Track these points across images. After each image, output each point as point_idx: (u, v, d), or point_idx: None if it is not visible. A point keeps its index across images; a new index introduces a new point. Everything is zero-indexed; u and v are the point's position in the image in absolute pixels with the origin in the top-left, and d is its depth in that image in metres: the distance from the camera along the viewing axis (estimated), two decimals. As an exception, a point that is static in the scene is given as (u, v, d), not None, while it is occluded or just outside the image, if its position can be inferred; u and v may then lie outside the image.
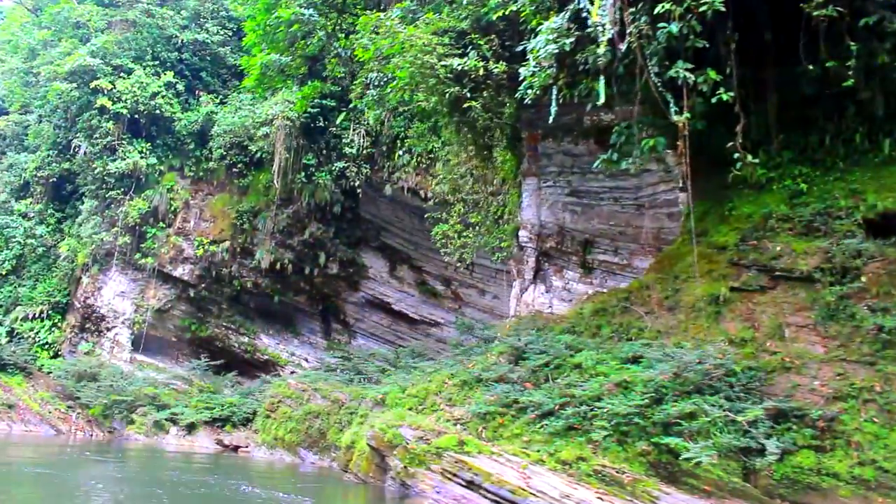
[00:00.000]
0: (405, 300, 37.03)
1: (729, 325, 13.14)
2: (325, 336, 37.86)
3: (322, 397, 21.60)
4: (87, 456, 22.87)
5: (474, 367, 15.01)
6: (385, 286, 36.93)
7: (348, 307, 37.56)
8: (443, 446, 11.85)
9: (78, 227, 35.01)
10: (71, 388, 32.31)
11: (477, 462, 10.08)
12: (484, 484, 9.51)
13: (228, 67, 35.81)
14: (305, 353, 36.83)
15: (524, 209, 19.80)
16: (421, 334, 37.28)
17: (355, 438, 15.18)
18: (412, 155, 32.50)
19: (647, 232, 17.73)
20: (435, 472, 10.93)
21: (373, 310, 37.65)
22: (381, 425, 12.76)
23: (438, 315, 36.90)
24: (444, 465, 10.13)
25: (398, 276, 36.97)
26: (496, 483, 9.52)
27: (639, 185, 17.20)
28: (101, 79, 32.34)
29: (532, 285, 19.31)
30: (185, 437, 28.80)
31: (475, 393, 14.06)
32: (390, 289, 36.95)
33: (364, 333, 38.14)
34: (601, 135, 17.61)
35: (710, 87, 12.47)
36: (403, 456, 11.82)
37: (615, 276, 18.60)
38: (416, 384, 15.62)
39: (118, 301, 34.47)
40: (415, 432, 12.23)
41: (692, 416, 11.39)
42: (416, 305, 37.02)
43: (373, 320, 37.88)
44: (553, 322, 16.19)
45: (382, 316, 37.71)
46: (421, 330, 37.32)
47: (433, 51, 15.04)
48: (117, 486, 15.37)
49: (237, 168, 33.67)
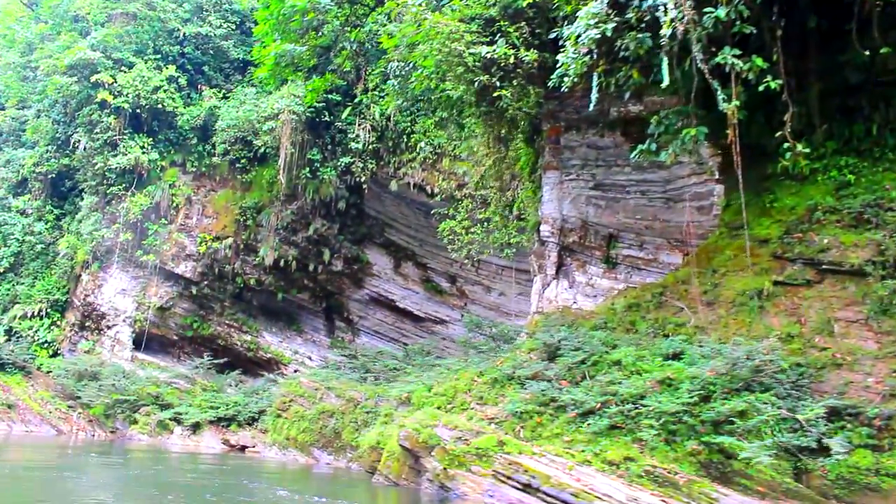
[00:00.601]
0: (410, 297, 36.58)
1: (773, 320, 12.72)
2: (328, 334, 37.35)
3: (336, 396, 21.11)
4: (95, 458, 22.29)
5: (504, 365, 14.55)
6: (389, 283, 36.46)
7: (352, 305, 37.06)
8: (482, 447, 11.40)
9: (77, 223, 34.36)
10: (71, 387, 31.70)
11: (534, 464, 9.62)
12: (542, 487, 9.04)
13: (231, 62, 35.22)
14: (309, 352, 36.31)
15: (545, 203, 19.35)
16: (425, 332, 36.83)
17: (381, 439, 14.71)
18: (420, 150, 32.10)
19: (676, 226, 17.32)
20: (481, 475, 10.47)
21: (377, 307, 37.16)
22: (415, 425, 12.28)
23: (443, 312, 36.46)
24: (496, 467, 9.65)
25: (403, 274, 36.51)
26: (556, 486, 9.06)
27: (668, 177, 16.76)
28: (102, 72, 31.72)
29: (554, 281, 18.86)
30: (191, 437, 28.26)
31: (508, 391, 13.61)
32: (395, 286, 36.48)
33: (368, 331, 37.65)
34: (628, 126, 17.23)
35: (755, 74, 12.06)
36: (442, 457, 11.34)
37: (640, 271, 18.19)
38: (442, 382, 15.15)
39: (119, 299, 33.86)
40: (452, 432, 11.77)
41: (743, 414, 10.97)
42: (420, 303, 36.58)
43: (377, 318, 37.39)
44: (582, 318, 15.76)
45: (387, 314, 37.25)
46: (425, 328, 36.87)
47: (461, 38, 14.57)
48: (141, 488, 14.83)
49: (240, 163, 33.10)
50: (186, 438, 28.23)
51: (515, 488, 9.31)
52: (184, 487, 14.85)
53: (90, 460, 21.49)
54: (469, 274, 35.32)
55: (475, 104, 15.59)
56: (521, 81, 14.77)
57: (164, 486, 14.92)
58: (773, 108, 13.45)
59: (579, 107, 17.84)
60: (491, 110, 15.56)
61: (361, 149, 31.51)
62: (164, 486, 15.05)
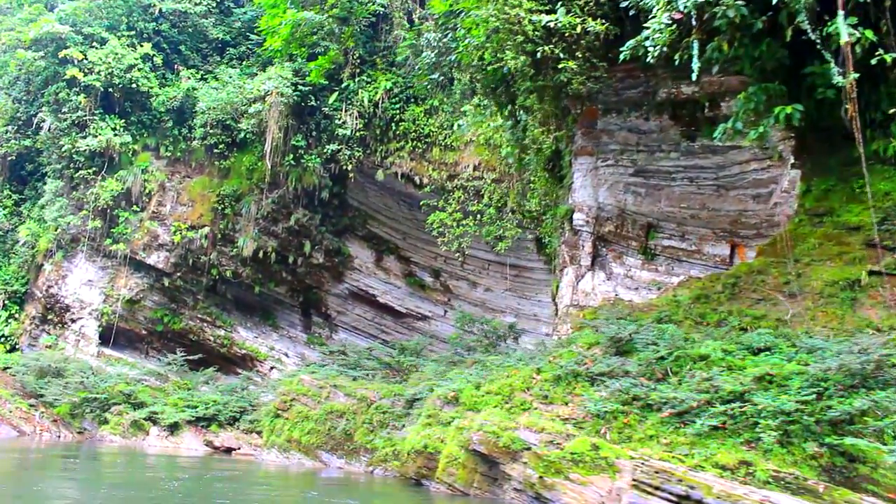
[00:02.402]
0: (391, 292, 35.29)
1: (870, 311, 11.87)
2: (304, 330, 35.78)
3: (345, 395, 19.70)
4: (76, 462, 20.48)
5: (562, 360, 13.41)
6: (370, 277, 35.09)
7: (331, 299, 35.57)
8: (577, 451, 10.24)
9: (40, 209, 32.11)
10: (33, 384, 29.46)
11: (692, 473, 8.46)
12: (706, 499, 7.89)
13: (210, 42, 33.25)
14: (285, 348, 34.71)
15: (576, 190, 18.33)
16: (407, 328, 35.58)
17: (430, 442, 13.42)
18: (408, 139, 30.82)
19: (726, 215, 16.46)
20: (581, 483, 9.30)
21: (357, 302, 35.75)
22: (491, 428, 11.05)
23: (426, 308, 35.26)
24: (639, 475, 8.48)
25: (384, 268, 35.19)
26: (723, 498, 7.91)
27: (723, 163, 15.87)
28: (72, 48, 29.60)
29: (589, 272, 17.85)
30: (168, 439, 26.45)
31: (578, 389, 12.46)
32: (376, 280, 35.14)
33: (346, 327, 36.21)
34: (678, 109, 16.32)
35: (864, 48, 11.15)
36: (536, 464, 10.13)
37: (681, 262, 17.33)
38: (493, 380, 13.92)
39: (85, 290, 31.73)
40: (539, 436, 10.58)
41: (864, 413, 10.02)
42: (402, 298, 35.31)
43: (356, 313, 35.97)
44: (639, 311, 14.72)
45: (366, 309, 35.87)
46: (407, 324, 35.62)
47: (520, 4, 13.39)
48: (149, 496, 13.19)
49: (218, 149, 31.28)
50: (164, 440, 26.41)
51: (668, 500, 8.15)
52: (201, 494, 13.32)
53: (63, 463, 19.70)
54: (454, 268, 34.18)
55: (532, 77, 14.39)
56: (584, 54, 13.65)
57: (172, 496, 13.32)
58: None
59: (620, 88, 16.88)
60: (548, 85, 14.40)
61: (349, 135, 30.07)
62: (170, 496, 13.44)
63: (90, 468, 19.51)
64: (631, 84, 16.67)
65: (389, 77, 30.79)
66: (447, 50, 16.04)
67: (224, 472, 18.63)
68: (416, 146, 30.88)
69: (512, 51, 13.87)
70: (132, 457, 22.96)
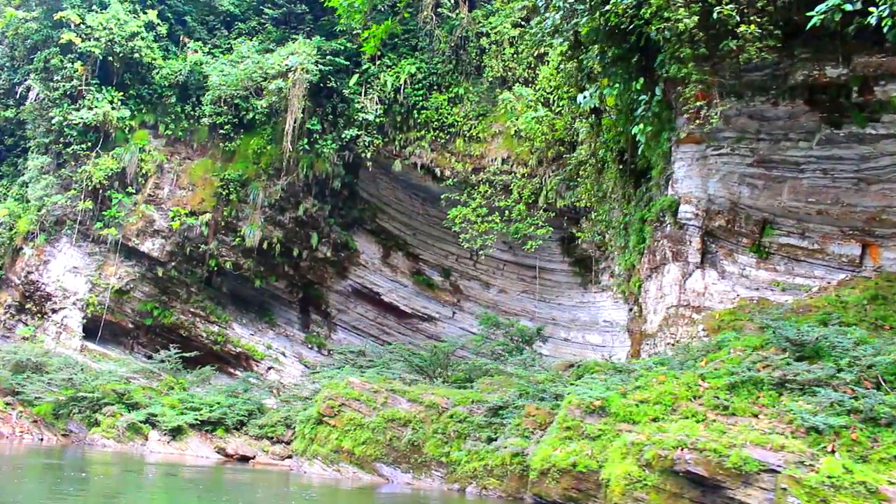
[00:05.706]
0: (397, 291, 33.25)
1: None
2: (302, 328, 33.44)
3: (409, 401, 17.63)
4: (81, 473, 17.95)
5: (728, 365, 11.72)
6: (376, 274, 32.99)
7: (332, 296, 33.33)
8: (833, 475, 8.53)
9: (20, 187, 29.15)
10: (9, 380, 26.46)
11: None
12: None
13: (217, 14, 30.69)
14: (282, 347, 32.33)
15: (680, 181, 16.73)
16: (410, 329, 33.63)
17: (579, 459, 11.52)
18: (430, 129, 28.83)
19: (863, 212, 15.00)
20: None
21: (359, 300, 33.59)
22: (711, 444, 9.26)
23: (433, 309, 33.34)
24: None
25: (391, 264, 33.15)
26: None
27: (869, 154, 14.41)
28: (69, 10, 26.81)
29: (699, 270, 16.23)
30: (171, 444, 23.87)
31: (763, 399, 10.76)
32: (381, 277, 33.06)
33: (345, 327, 34.01)
34: (816, 94, 14.76)
35: None
36: (798, 491, 8.38)
37: (801, 262, 15.87)
38: (643, 388, 12.12)
39: (69, 278, 28.84)
40: (779, 455, 8.83)
41: None
42: (408, 297, 33.31)
43: (357, 312, 33.80)
44: (791, 312, 13.13)
45: (368, 308, 33.74)
46: (410, 325, 33.66)
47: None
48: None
49: (223, 129, 28.79)
50: (166, 445, 23.82)
51: None
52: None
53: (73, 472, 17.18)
54: (466, 268, 32.36)
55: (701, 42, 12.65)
56: (763, 20, 12.00)
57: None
58: None
59: (741, 70, 15.25)
60: (717, 51, 12.71)
61: (370, 120, 27.96)
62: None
63: (119, 482, 17.00)
64: (756, 66, 15.08)
65: (412, 62, 28.83)
66: (573, 12, 14.21)
67: (278, 489, 16.42)
68: (437, 136, 29.00)
69: (685, 7, 12.14)
70: (136, 464, 20.39)
